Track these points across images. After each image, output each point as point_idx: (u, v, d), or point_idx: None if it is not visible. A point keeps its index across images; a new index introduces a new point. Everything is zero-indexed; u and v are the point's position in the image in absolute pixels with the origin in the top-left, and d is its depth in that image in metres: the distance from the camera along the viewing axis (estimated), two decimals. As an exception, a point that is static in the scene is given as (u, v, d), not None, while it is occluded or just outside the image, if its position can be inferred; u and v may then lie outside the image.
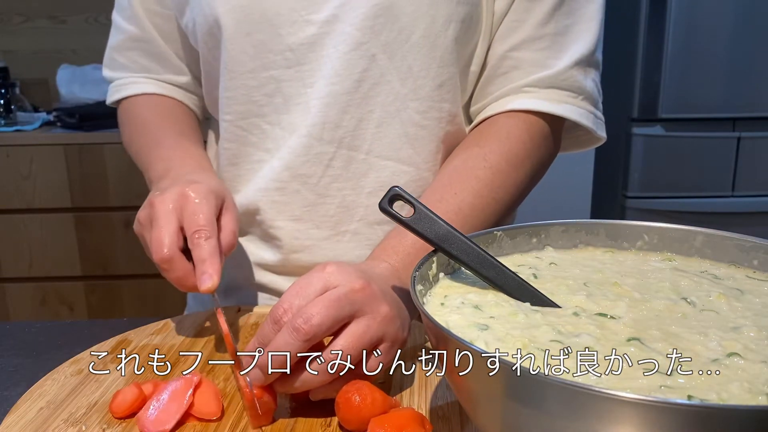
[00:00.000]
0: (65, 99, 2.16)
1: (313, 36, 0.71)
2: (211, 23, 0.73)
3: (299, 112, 0.73)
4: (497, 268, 0.50)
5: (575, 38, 0.73)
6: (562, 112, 0.73)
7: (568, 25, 0.73)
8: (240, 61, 0.73)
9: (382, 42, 0.70)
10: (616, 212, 2.48)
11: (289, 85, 0.73)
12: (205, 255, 0.60)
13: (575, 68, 0.73)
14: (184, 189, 0.63)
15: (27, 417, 0.54)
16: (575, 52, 0.73)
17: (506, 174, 0.71)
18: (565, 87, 0.73)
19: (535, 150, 0.73)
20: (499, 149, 0.71)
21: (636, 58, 2.30)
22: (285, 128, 0.74)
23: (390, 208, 0.52)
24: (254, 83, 0.74)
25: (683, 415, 0.32)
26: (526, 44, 0.73)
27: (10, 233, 2.03)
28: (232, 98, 0.76)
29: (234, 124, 0.77)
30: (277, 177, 0.75)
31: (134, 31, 0.83)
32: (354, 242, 0.77)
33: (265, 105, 0.74)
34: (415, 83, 0.72)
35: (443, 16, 0.70)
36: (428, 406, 0.55)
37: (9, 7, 2.32)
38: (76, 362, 0.63)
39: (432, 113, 0.74)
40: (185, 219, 0.62)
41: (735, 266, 0.55)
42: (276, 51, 0.72)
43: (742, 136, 2.33)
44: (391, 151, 0.74)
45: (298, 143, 0.74)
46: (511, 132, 0.72)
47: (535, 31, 0.72)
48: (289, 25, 0.71)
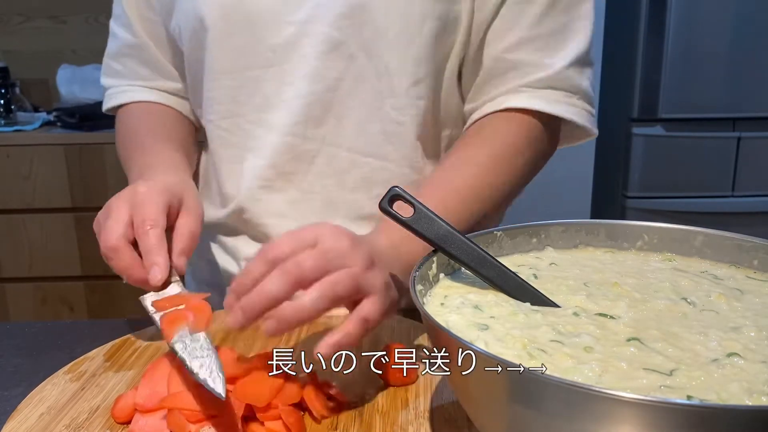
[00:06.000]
0: (65, 99, 2.16)
1: (291, 36, 0.72)
2: (197, 25, 0.74)
3: (280, 110, 0.74)
4: (497, 268, 0.50)
5: (569, 37, 0.74)
6: (559, 112, 0.73)
7: (562, 25, 0.73)
8: (222, 62, 0.75)
9: (358, 41, 0.71)
10: (616, 212, 2.48)
11: (268, 84, 0.74)
12: (149, 245, 0.60)
13: (571, 68, 0.74)
14: (136, 185, 0.64)
15: (28, 423, 0.54)
16: (570, 52, 0.74)
17: (505, 162, 0.72)
18: (562, 87, 0.74)
19: (529, 146, 0.74)
20: (497, 141, 0.72)
21: (636, 58, 2.30)
22: (265, 127, 0.75)
23: (390, 208, 0.52)
24: (235, 83, 0.75)
25: (683, 415, 0.32)
26: (521, 45, 0.73)
27: (10, 233, 2.03)
28: (213, 99, 0.77)
29: (216, 125, 0.78)
30: (263, 175, 0.76)
31: (129, 39, 0.84)
32: None
33: (245, 104, 0.76)
34: (392, 81, 0.73)
35: (418, 14, 0.70)
36: (430, 406, 0.56)
37: (9, 7, 2.32)
38: (77, 365, 0.63)
39: (409, 110, 0.74)
40: (134, 213, 0.62)
41: (735, 266, 0.55)
42: (257, 52, 0.73)
43: (742, 136, 2.33)
44: (371, 147, 0.75)
45: (282, 141, 0.75)
46: (510, 129, 0.73)
47: (529, 31, 0.73)
48: (270, 26, 0.72)
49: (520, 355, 0.40)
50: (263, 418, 0.51)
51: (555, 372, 0.38)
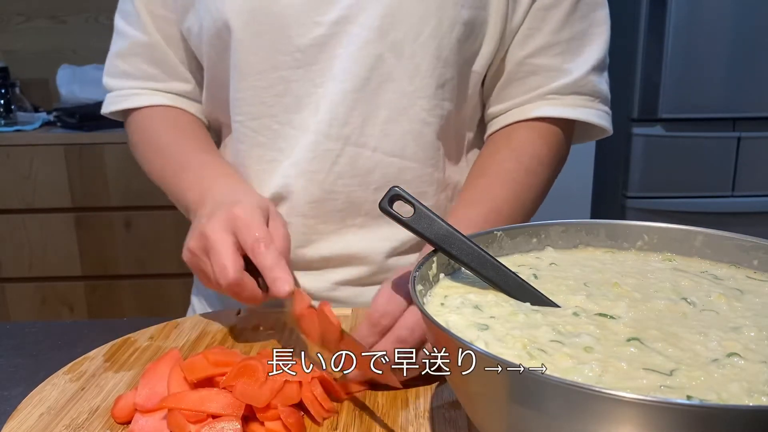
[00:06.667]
0: (65, 99, 2.16)
1: (322, 37, 0.72)
2: (220, 26, 0.74)
3: (309, 111, 0.74)
4: (497, 268, 0.50)
5: (588, 42, 0.77)
6: (585, 117, 0.77)
7: (581, 31, 0.76)
8: (249, 63, 0.74)
9: (390, 41, 0.72)
10: (616, 212, 2.48)
11: (298, 85, 0.74)
12: (269, 262, 0.61)
13: (593, 73, 0.77)
14: (230, 210, 0.64)
15: (28, 423, 0.54)
16: (590, 57, 0.77)
17: (534, 176, 0.75)
18: (585, 92, 0.77)
19: (555, 157, 0.78)
20: (526, 154, 0.75)
21: (636, 58, 2.30)
22: (296, 128, 0.75)
23: (390, 208, 0.52)
24: (264, 84, 0.74)
25: (683, 415, 0.32)
26: (543, 51, 0.76)
27: (10, 233, 2.03)
28: (242, 99, 0.76)
29: (245, 125, 0.77)
30: (285, 173, 0.76)
31: (139, 37, 0.82)
32: (360, 234, 0.78)
33: (275, 105, 0.75)
34: (422, 82, 0.73)
35: (449, 18, 0.72)
36: (430, 406, 0.56)
37: (9, 7, 2.32)
38: (77, 365, 0.63)
39: (436, 111, 0.75)
40: (240, 237, 0.63)
41: (735, 266, 0.55)
42: (285, 52, 0.73)
43: (742, 136, 2.33)
44: (397, 148, 0.75)
45: (306, 141, 0.75)
46: (537, 140, 0.77)
47: (551, 37, 0.75)
48: (298, 26, 0.72)
49: (520, 355, 0.40)
50: (263, 418, 0.51)
51: (555, 372, 0.38)
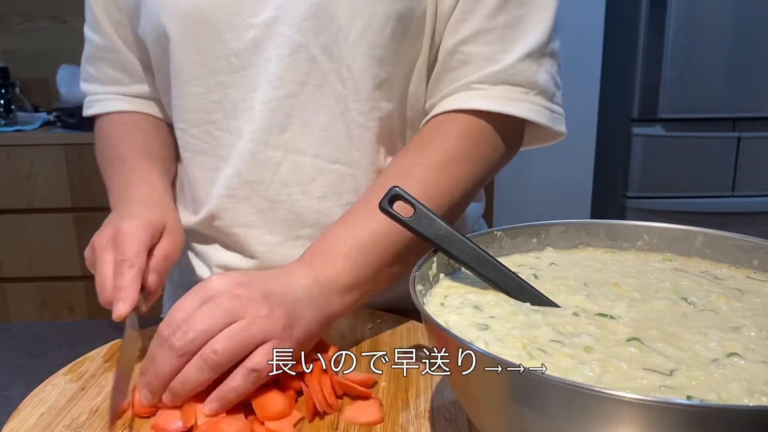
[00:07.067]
0: (65, 99, 2.16)
1: (254, 39, 0.70)
2: (159, 32, 0.73)
3: (245, 117, 0.73)
4: (497, 268, 0.50)
5: (526, 29, 0.69)
6: (511, 111, 0.68)
7: (519, 17, 0.69)
8: (187, 69, 0.73)
9: (321, 43, 0.69)
10: (616, 212, 2.48)
11: (235, 90, 0.72)
12: (122, 283, 0.61)
13: (526, 61, 0.69)
14: (117, 225, 0.65)
15: (28, 423, 0.54)
16: (525, 45, 0.69)
17: (441, 173, 0.68)
18: (516, 82, 0.69)
19: (474, 149, 0.70)
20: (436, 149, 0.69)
21: (636, 58, 2.30)
22: (233, 134, 0.74)
23: (390, 208, 0.52)
24: (202, 90, 0.73)
25: (683, 415, 0.32)
26: (476, 37, 0.69)
27: (10, 233, 2.03)
28: (183, 106, 0.75)
29: (187, 133, 0.76)
30: (229, 184, 0.75)
31: (100, 42, 0.83)
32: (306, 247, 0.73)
33: (215, 112, 0.74)
34: (356, 84, 0.70)
35: (381, 14, 0.68)
36: (430, 406, 0.56)
37: (9, 7, 2.32)
38: (77, 366, 0.63)
39: (374, 113, 0.72)
40: (115, 252, 0.63)
41: (735, 266, 0.55)
42: (221, 57, 0.71)
43: (742, 136, 2.33)
44: (338, 154, 0.73)
45: (245, 149, 0.73)
46: (449, 132, 0.70)
47: (485, 23, 0.68)
48: (231, 29, 0.70)
49: (520, 355, 0.40)
50: None
51: (555, 372, 0.38)
